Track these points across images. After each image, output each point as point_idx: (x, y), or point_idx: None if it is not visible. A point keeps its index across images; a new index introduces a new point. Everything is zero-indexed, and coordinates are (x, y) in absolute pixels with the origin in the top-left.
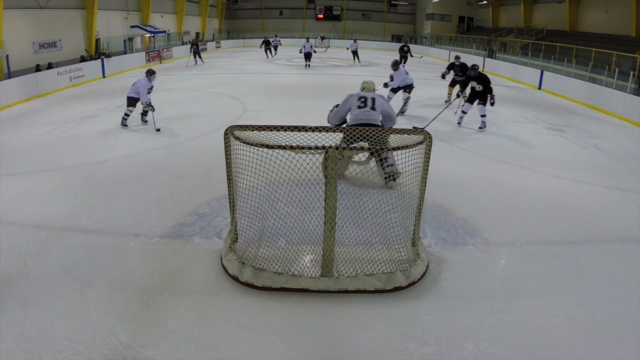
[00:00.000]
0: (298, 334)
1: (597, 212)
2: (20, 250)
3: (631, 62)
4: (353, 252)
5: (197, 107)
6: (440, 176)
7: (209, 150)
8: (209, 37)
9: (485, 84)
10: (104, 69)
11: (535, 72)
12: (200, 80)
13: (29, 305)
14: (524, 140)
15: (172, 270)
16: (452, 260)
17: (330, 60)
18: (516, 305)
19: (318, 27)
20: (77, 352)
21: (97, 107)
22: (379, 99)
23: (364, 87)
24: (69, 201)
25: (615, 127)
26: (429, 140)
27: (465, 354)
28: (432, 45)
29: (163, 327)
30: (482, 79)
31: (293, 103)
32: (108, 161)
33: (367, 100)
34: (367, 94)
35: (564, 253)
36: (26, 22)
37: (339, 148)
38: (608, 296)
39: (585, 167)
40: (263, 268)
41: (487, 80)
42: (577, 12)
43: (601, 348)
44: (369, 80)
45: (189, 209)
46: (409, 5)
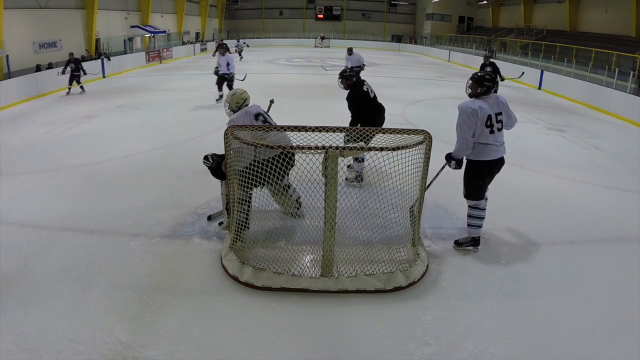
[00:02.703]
0: (298, 334)
1: (597, 212)
2: (20, 250)
3: (631, 62)
4: (353, 252)
5: (197, 107)
6: (440, 176)
7: (208, 150)
8: (209, 37)
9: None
10: (104, 69)
11: (535, 72)
12: (200, 80)
13: (29, 305)
14: (524, 140)
15: (172, 270)
16: (452, 260)
17: (330, 60)
18: (516, 305)
19: (318, 27)
20: (77, 352)
21: (97, 107)
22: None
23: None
24: (69, 201)
25: (615, 127)
26: (429, 140)
27: (465, 354)
28: (432, 45)
29: (163, 327)
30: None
31: (293, 103)
32: (108, 161)
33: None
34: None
35: (564, 253)
36: (26, 22)
37: (339, 148)
38: (608, 296)
39: (585, 167)
40: (263, 268)
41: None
42: (577, 12)
43: (601, 348)
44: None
45: (189, 209)
46: (409, 5)
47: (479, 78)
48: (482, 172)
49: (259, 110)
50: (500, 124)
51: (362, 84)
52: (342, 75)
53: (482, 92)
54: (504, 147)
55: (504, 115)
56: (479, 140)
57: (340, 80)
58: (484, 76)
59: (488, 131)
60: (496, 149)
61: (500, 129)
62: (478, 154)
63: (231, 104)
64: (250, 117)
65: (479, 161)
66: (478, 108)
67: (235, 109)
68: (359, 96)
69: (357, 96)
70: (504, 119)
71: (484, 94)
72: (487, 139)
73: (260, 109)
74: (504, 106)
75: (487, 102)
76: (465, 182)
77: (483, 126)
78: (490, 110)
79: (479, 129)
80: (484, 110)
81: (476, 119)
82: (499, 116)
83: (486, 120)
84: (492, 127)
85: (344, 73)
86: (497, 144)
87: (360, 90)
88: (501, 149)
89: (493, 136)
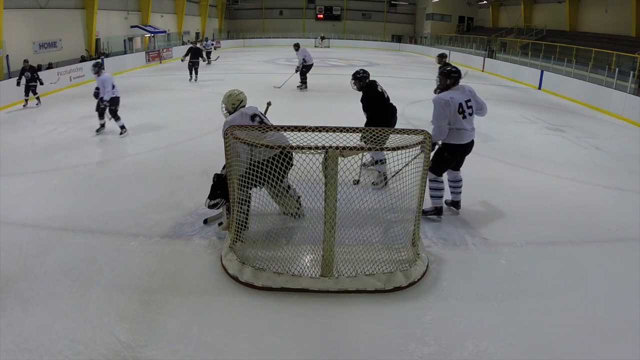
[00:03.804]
0: (298, 334)
1: (597, 212)
2: (20, 250)
3: (631, 62)
4: (353, 252)
5: (197, 107)
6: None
7: (209, 150)
8: (209, 37)
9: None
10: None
11: (535, 72)
12: (200, 80)
13: (29, 305)
14: (524, 140)
15: (172, 270)
16: (452, 260)
17: (330, 60)
18: (516, 305)
19: (318, 27)
20: (77, 352)
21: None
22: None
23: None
24: (69, 201)
25: (615, 127)
26: (428, 140)
27: (465, 354)
28: (432, 45)
29: (163, 327)
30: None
31: (293, 103)
32: (108, 161)
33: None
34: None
35: (564, 253)
36: (26, 22)
37: (339, 148)
38: (608, 296)
39: (585, 167)
40: (263, 268)
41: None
42: (577, 12)
43: (601, 348)
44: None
45: (189, 209)
46: (409, 5)
47: (447, 72)
48: (456, 154)
49: (256, 112)
50: (470, 109)
51: (376, 85)
52: (355, 77)
53: (451, 83)
54: (474, 132)
55: (473, 102)
56: (455, 126)
57: (354, 81)
58: (450, 70)
59: (461, 117)
60: (469, 134)
61: (471, 114)
62: (455, 138)
63: (227, 105)
64: (247, 118)
65: (456, 145)
66: (450, 99)
67: (231, 110)
68: (374, 97)
69: (372, 97)
70: (473, 105)
71: (452, 85)
72: (461, 124)
73: (257, 110)
74: (471, 94)
75: (456, 92)
76: (437, 160)
77: (456, 113)
78: (460, 99)
79: (453, 117)
80: (454, 100)
81: (449, 109)
82: (469, 102)
83: (458, 108)
84: (464, 113)
85: (357, 74)
86: (469, 129)
87: (375, 90)
88: (472, 134)
89: (465, 121)
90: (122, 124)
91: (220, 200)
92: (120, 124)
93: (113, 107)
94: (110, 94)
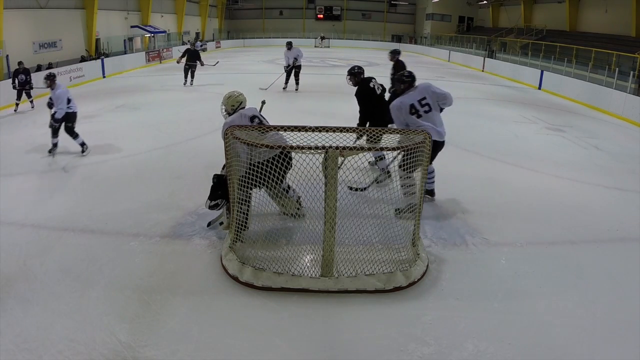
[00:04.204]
0: (298, 334)
1: (597, 212)
2: (20, 250)
3: (631, 62)
4: (353, 252)
5: (197, 107)
6: (440, 176)
7: (209, 150)
8: (209, 37)
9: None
10: (104, 69)
11: (535, 72)
12: (200, 80)
13: (29, 305)
14: (524, 140)
15: (172, 270)
16: (452, 260)
17: (330, 60)
18: (516, 305)
19: (318, 27)
20: (77, 352)
21: (97, 107)
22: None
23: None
24: (69, 201)
25: (615, 127)
26: (429, 140)
27: (465, 354)
28: (432, 45)
29: (163, 327)
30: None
31: (293, 103)
32: (108, 161)
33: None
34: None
35: (564, 253)
36: (26, 22)
37: (339, 148)
38: (608, 296)
39: (585, 167)
40: (263, 268)
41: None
42: (577, 12)
43: (601, 348)
44: None
45: (189, 209)
46: (409, 5)
47: (398, 78)
48: None
49: (255, 113)
50: (426, 107)
51: (370, 81)
52: (350, 73)
53: (405, 87)
54: (440, 131)
55: (429, 98)
56: (412, 125)
57: (349, 77)
58: (401, 75)
59: (415, 117)
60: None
61: (427, 111)
62: None
63: (227, 107)
64: (246, 119)
65: None
66: (400, 103)
67: (231, 112)
68: (364, 92)
69: (363, 92)
70: (429, 101)
71: (407, 89)
72: (418, 123)
73: (256, 111)
74: (427, 91)
75: (409, 95)
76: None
77: (408, 115)
78: (412, 100)
79: (407, 118)
80: (404, 102)
81: (401, 112)
82: (423, 101)
83: (410, 110)
84: (417, 113)
85: (352, 70)
86: (429, 127)
87: (366, 86)
88: (436, 133)
89: (422, 119)
90: (81, 141)
91: (221, 201)
92: (80, 142)
93: (70, 123)
94: (64, 110)
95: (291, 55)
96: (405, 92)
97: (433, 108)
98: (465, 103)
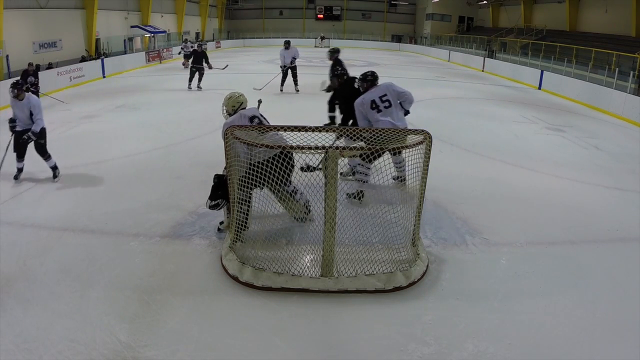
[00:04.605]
0: (298, 334)
1: (597, 212)
2: (20, 250)
3: (631, 62)
4: (353, 252)
5: (197, 106)
6: (440, 176)
7: (209, 150)
8: (209, 37)
9: None
10: (104, 69)
11: (535, 72)
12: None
13: (29, 305)
14: (524, 140)
15: (172, 270)
16: (452, 260)
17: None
18: (516, 305)
19: (318, 27)
20: (77, 352)
21: (97, 107)
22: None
23: None
24: (69, 201)
25: (615, 127)
26: (429, 140)
27: (465, 354)
28: (432, 45)
29: (163, 327)
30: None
31: (293, 103)
32: (108, 161)
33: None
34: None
35: (563, 253)
36: (26, 22)
37: (339, 148)
38: (608, 296)
39: (585, 167)
40: (263, 268)
41: None
42: (577, 12)
43: (601, 348)
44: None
45: (189, 209)
46: (409, 5)
47: (361, 78)
48: None
49: (255, 113)
50: (386, 102)
51: (354, 81)
52: (334, 74)
53: (369, 85)
54: (399, 125)
55: (389, 95)
56: (372, 119)
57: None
58: (364, 75)
59: (376, 112)
60: (391, 125)
61: (387, 107)
62: None
63: (227, 108)
64: (245, 120)
65: None
66: (362, 99)
67: (231, 112)
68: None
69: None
70: (390, 98)
71: (370, 87)
72: (376, 117)
73: (257, 111)
74: (388, 89)
75: (371, 92)
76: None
77: (369, 110)
78: (374, 96)
79: (368, 113)
80: (366, 99)
81: (363, 108)
82: (384, 97)
83: (371, 105)
84: (378, 108)
85: (335, 71)
86: (386, 121)
87: (351, 86)
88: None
89: (382, 114)
90: (54, 164)
91: (221, 201)
92: (52, 164)
93: (42, 140)
94: (43, 121)
95: (289, 55)
96: (368, 90)
97: (393, 105)
98: (465, 103)
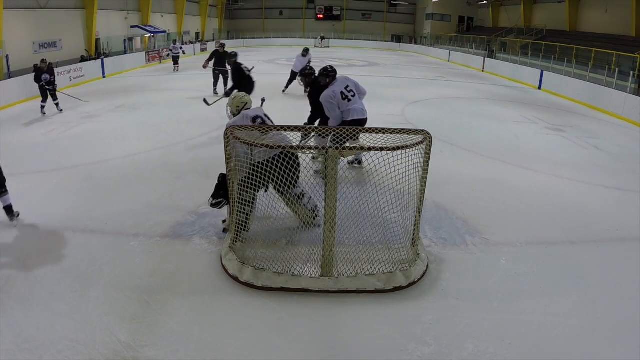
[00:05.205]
0: (298, 334)
1: (597, 212)
2: (20, 250)
3: (631, 62)
4: (353, 252)
5: (197, 106)
6: (440, 176)
7: (209, 150)
8: (209, 37)
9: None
10: (104, 69)
11: (535, 72)
12: (201, 80)
13: (29, 305)
14: (524, 140)
15: (172, 270)
16: (452, 260)
17: (330, 60)
18: (516, 305)
19: (318, 27)
20: (77, 352)
21: (97, 107)
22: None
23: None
24: (69, 201)
25: (615, 127)
26: (428, 140)
27: (465, 354)
28: (432, 45)
29: (163, 327)
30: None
31: (293, 103)
32: (108, 161)
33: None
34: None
35: (563, 253)
36: (26, 22)
37: (339, 148)
38: (608, 296)
39: (585, 167)
40: (263, 268)
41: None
42: (577, 12)
43: (601, 348)
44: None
45: (189, 209)
46: (409, 5)
47: (324, 73)
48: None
49: (258, 113)
50: (352, 92)
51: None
52: (301, 74)
53: (330, 80)
54: (365, 111)
55: (351, 85)
56: (344, 109)
57: (301, 79)
58: (325, 70)
59: (346, 101)
60: (361, 111)
61: (353, 96)
62: (351, 116)
63: (232, 108)
64: (247, 120)
65: (355, 120)
66: (332, 92)
67: (235, 113)
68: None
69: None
70: (352, 88)
71: (332, 81)
72: (348, 105)
73: (260, 112)
74: (348, 81)
75: (336, 85)
76: None
77: (340, 100)
78: (340, 88)
79: (340, 104)
80: (335, 91)
81: (335, 99)
82: (347, 88)
83: (341, 96)
84: (347, 98)
85: (303, 71)
86: (357, 108)
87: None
88: (363, 112)
89: (350, 103)
90: (9, 203)
91: (223, 200)
92: (8, 203)
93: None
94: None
95: (304, 61)
96: (330, 84)
97: (357, 94)
98: (465, 103)
